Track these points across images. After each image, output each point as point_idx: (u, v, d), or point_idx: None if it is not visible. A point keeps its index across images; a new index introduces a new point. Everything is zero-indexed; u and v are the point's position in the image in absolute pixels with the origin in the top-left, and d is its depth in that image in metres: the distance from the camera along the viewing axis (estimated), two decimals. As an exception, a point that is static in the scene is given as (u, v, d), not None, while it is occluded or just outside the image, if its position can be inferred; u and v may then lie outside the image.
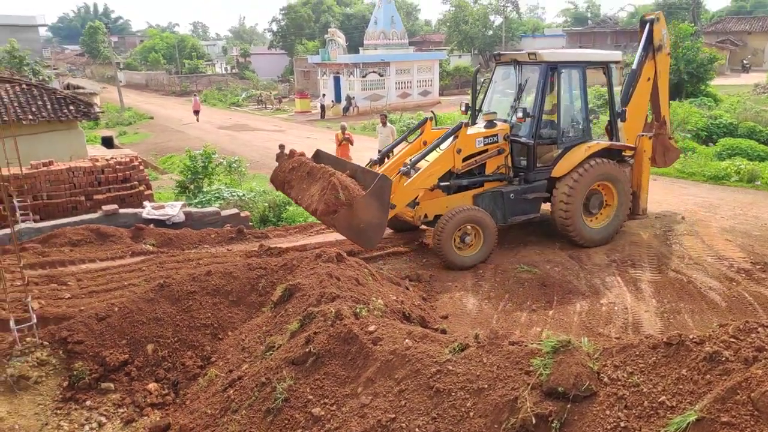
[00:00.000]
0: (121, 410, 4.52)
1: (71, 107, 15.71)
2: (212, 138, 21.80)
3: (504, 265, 7.66)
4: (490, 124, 8.39)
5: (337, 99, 32.50)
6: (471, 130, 8.23)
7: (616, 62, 9.26)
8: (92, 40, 65.25)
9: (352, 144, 13.64)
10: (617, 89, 9.54)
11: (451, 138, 8.04)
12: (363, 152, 15.91)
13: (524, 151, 8.38)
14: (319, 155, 8.45)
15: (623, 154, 9.06)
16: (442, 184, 8.03)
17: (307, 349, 3.97)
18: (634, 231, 9.03)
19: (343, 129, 13.86)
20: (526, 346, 3.30)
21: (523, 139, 8.35)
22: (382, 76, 32.32)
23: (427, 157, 7.96)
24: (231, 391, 4.12)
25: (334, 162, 8.06)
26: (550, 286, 7.03)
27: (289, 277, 5.50)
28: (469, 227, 7.72)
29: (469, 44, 51.30)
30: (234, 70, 60.34)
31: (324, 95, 32.41)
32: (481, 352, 3.36)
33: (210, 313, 5.21)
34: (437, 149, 8.02)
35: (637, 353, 3.04)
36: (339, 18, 54.47)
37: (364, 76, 31.79)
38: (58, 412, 4.42)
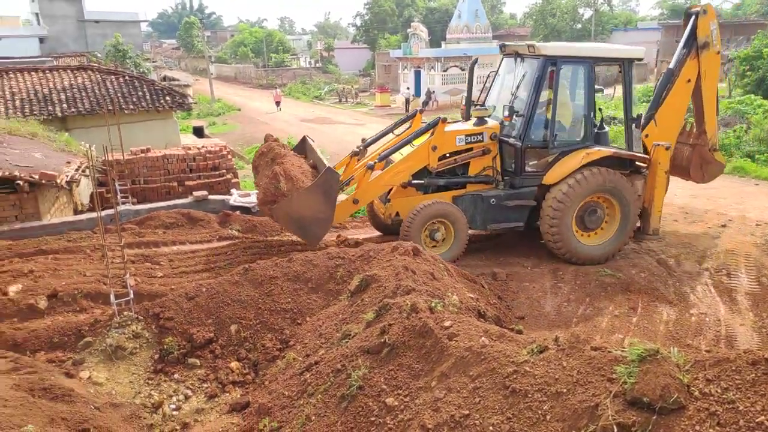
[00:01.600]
0: (205, 385, 4.77)
1: (167, 98, 16.69)
2: (295, 130, 22.47)
3: (586, 267, 7.38)
4: (480, 121, 7.82)
5: (417, 93, 32.51)
6: (452, 127, 7.67)
7: (636, 60, 7.93)
8: (187, 35, 68.92)
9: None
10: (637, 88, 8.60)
11: (429, 134, 7.51)
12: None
13: (513, 154, 7.63)
14: (303, 142, 8.16)
15: (637, 164, 8.03)
16: (415, 181, 7.54)
17: (382, 340, 4.02)
18: (732, 238, 8.41)
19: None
20: (609, 352, 3.16)
21: (510, 140, 7.63)
22: (463, 70, 31.98)
23: (402, 151, 7.53)
24: (308, 375, 4.25)
25: (307, 150, 7.77)
26: (634, 292, 6.71)
27: (365, 268, 5.59)
28: (438, 223, 7.27)
29: (556, 38, 49.60)
30: (318, 64, 61.81)
31: (408, 88, 32.50)
32: (561, 356, 3.26)
33: (290, 298, 5.39)
34: (411, 144, 7.60)
35: (734, 368, 2.84)
36: (422, 12, 54.32)
37: (445, 71, 31.59)
38: (150, 382, 4.74)
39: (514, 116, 7.46)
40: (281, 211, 6.43)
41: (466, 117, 8.36)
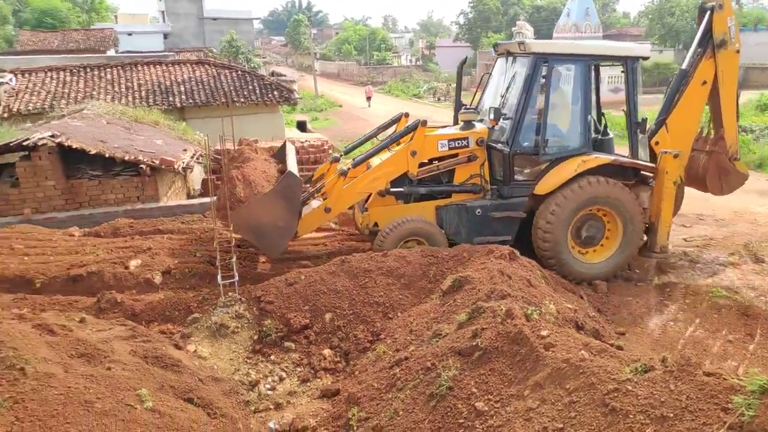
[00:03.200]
0: (299, 369, 4.96)
1: (275, 92, 17.50)
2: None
3: (697, 286, 6.85)
4: (467, 125, 7.17)
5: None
6: (435, 131, 7.07)
7: (640, 58, 7.15)
8: (295, 32, 71.80)
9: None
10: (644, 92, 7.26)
11: (409, 138, 6.92)
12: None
13: (501, 161, 6.94)
14: (283, 147, 7.71)
15: (644, 174, 7.21)
16: (394, 189, 6.95)
17: (474, 343, 3.97)
18: None
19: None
20: (725, 379, 2.92)
21: (498, 146, 6.96)
22: (569, 71, 30.71)
23: (380, 155, 6.97)
24: (397, 370, 4.29)
25: (285, 156, 7.25)
26: (753, 317, 6.13)
27: (459, 269, 5.55)
28: (414, 242, 6.65)
29: (673, 38, 46.37)
30: (418, 62, 62.08)
31: None
32: (669, 378, 3.06)
33: (383, 292, 5.47)
34: (389, 149, 7.04)
35: None
36: (528, 10, 52.91)
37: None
38: (248, 361, 5.00)
39: (501, 120, 6.88)
40: (238, 218, 5.94)
41: (454, 121, 7.79)
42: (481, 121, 7.34)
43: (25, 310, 4.72)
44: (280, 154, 7.75)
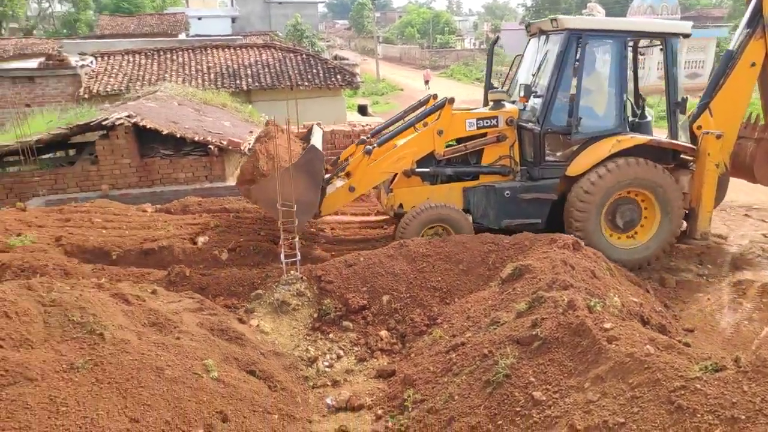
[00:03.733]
0: (356, 348, 5.05)
1: (338, 76, 17.63)
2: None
3: (775, 284, 6.45)
4: (497, 105, 7.01)
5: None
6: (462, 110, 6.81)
7: (680, 35, 6.80)
8: (358, 16, 71.87)
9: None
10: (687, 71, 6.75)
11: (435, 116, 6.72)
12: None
13: (532, 141, 6.73)
14: (310, 131, 7.59)
15: (683, 156, 6.88)
16: (419, 170, 6.80)
17: (533, 332, 3.92)
18: None
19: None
20: (805, 383, 2.76)
21: (529, 125, 6.76)
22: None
23: (405, 135, 6.78)
24: (453, 355, 4.30)
25: (311, 137, 7.14)
26: (838, 320, 5.72)
27: (519, 257, 5.46)
28: (439, 227, 6.52)
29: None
30: (482, 46, 60.82)
31: None
32: (742, 378, 2.91)
33: (440, 277, 5.46)
34: (414, 128, 6.81)
35: None
36: (600, -9, 50.61)
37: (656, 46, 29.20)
38: (308, 338, 5.14)
39: (532, 98, 6.67)
40: (259, 192, 5.91)
41: (484, 102, 7.58)
42: (513, 103, 7.20)
43: (103, 280, 5.03)
44: (307, 137, 7.78)
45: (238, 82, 16.84)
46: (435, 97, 7.42)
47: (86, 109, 11.22)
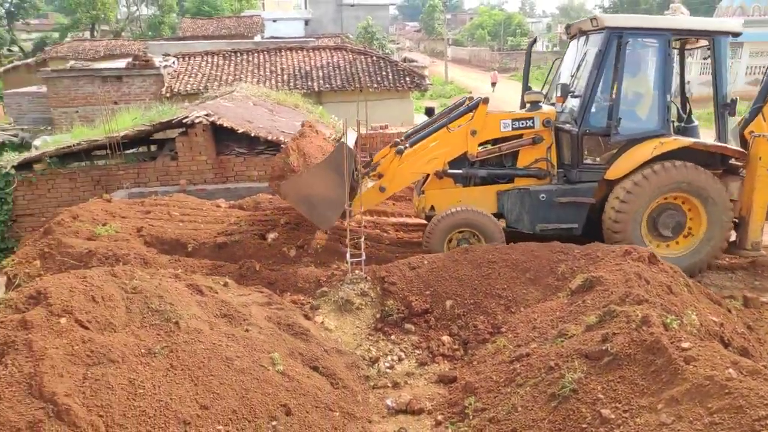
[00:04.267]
0: (417, 352, 5.05)
1: (407, 78, 17.70)
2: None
3: None
4: (534, 106, 6.71)
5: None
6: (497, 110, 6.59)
7: (730, 33, 6.37)
8: (429, 18, 71.77)
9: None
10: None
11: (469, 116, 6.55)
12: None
13: (570, 143, 6.45)
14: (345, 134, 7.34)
15: (732, 162, 6.44)
16: (452, 171, 6.60)
17: (603, 347, 3.77)
18: None
19: None
20: None
21: (566, 126, 6.48)
22: (730, 58, 27.63)
23: (438, 136, 6.58)
24: (517, 365, 4.21)
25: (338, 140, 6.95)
26: None
27: (591, 268, 5.27)
28: (467, 231, 6.34)
29: None
30: (555, 48, 59.26)
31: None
32: (837, 412, 2.69)
33: (506, 284, 5.37)
34: (447, 128, 6.57)
35: None
36: (685, -8, 48.16)
37: (705, 58, 27.63)
38: (370, 338, 5.19)
39: (570, 97, 6.47)
40: (289, 188, 5.96)
41: (521, 104, 7.31)
42: (552, 105, 6.97)
43: (180, 271, 5.27)
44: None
45: (309, 83, 17.25)
46: (470, 99, 7.23)
47: (167, 107, 11.84)
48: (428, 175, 6.91)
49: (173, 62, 18.19)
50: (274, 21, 46.20)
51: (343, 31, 46.17)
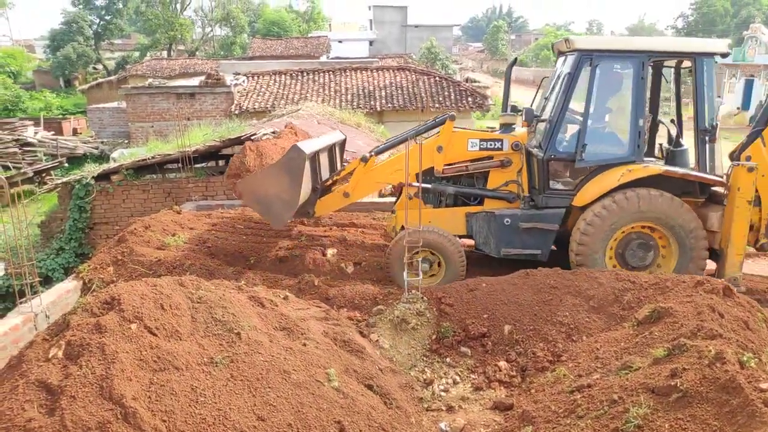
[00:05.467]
0: (473, 376, 4.95)
1: (469, 98, 17.68)
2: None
3: None
4: (507, 128, 6.61)
5: (745, 106, 27.74)
6: (464, 128, 6.70)
7: (713, 55, 6.10)
8: (493, 38, 71.58)
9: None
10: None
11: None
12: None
13: (537, 167, 6.33)
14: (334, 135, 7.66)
15: (717, 191, 6.16)
16: (423, 185, 6.47)
17: (672, 383, 3.57)
18: None
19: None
20: None
21: (534, 151, 6.36)
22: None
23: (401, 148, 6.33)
24: (578, 396, 4.05)
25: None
26: None
27: (659, 298, 5.04)
28: (427, 252, 6.25)
29: None
30: (623, 70, 57.72)
31: (720, 97, 28.12)
32: None
33: (568, 312, 5.20)
34: (415, 140, 6.37)
35: None
36: (766, 12, 45.88)
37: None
38: (425, 359, 5.14)
39: (536, 122, 6.43)
40: (245, 187, 6.13)
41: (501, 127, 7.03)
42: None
43: (242, 283, 5.43)
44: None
45: (372, 102, 17.52)
46: (452, 118, 6.99)
47: (237, 124, 12.33)
48: (400, 193, 6.94)
49: (243, 81, 18.96)
50: (340, 42, 47.45)
51: (406, 51, 46.80)
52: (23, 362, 3.28)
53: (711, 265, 6.49)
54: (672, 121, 7.00)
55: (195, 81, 19.75)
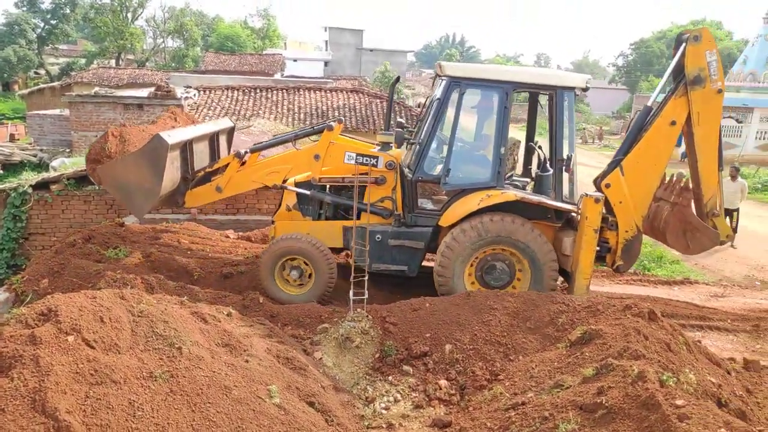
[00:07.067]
0: (414, 394, 5.05)
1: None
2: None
3: None
4: (385, 146, 6.81)
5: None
6: (344, 140, 6.90)
7: (572, 88, 6.54)
8: (446, 66, 73.24)
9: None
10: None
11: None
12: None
13: (408, 188, 6.60)
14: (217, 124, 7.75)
15: (573, 216, 6.55)
16: (291, 188, 6.78)
17: (598, 400, 3.79)
18: None
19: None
20: None
21: (405, 171, 6.63)
22: (740, 122, 28.04)
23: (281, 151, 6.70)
24: (513, 413, 4.21)
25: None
26: None
27: (590, 321, 5.31)
28: (299, 260, 6.45)
29: None
30: (567, 103, 60.29)
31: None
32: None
33: (506, 332, 5.40)
34: (293, 143, 6.77)
35: None
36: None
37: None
38: (367, 377, 5.21)
39: (406, 145, 6.68)
40: (105, 173, 6.13)
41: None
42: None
43: (185, 298, 5.36)
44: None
45: (325, 122, 17.65)
46: (331, 128, 7.08)
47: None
48: (279, 204, 7.12)
49: (194, 94, 18.72)
50: (295, 61, 47.53)
51: (361, 74, 47.36)
52: (-51, 375, 3.15)
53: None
54: (540, 147, 7.38)
55: (144, 92, 19.32)
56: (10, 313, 3.72)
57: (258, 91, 19.23)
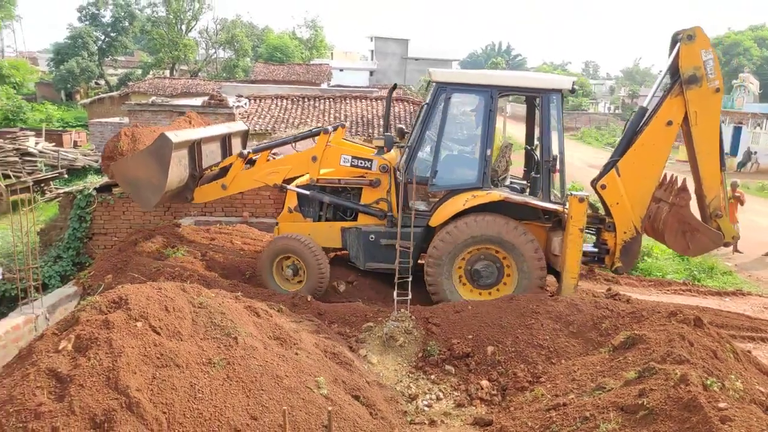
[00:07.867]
0: (456, 393, 5.17)
1: (465, 131, 18.12)
2: (581, 174, 21.95)
3: None
4: (381, 150, 7.01)
5: (733, 152, 28.47)
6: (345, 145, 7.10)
7: (559, 91, 6.54)
8: (491, 74, 72.85)
9: (742, 204, 11.96)
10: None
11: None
12: (754, 216, 13.70)
13: (400, 189, 6.77)
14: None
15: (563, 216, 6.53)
16: (290, 187, 6.99)
17: (640, 401, 3.82)
18: None
19: (734, 186, 12.26)
20: None
21: (397, 174, 6.82)
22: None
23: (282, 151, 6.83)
24: (553, 413, 4.28)
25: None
26: None
27: (634, 326, 5.31)
28: (294, 258, 6.73)
29: None
30: (617, 111, 58.94)
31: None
32: None
33: (548, 336, 5.46)
34: (292, 146, 6.97)
35: None
36: (756, 62, 47.34)
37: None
38: (410, 375, 5.35)
39: (394, 148, 6.91)
40: (117, 170, 6.59)
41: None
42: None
43: (239, 294, 5.66)
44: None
45: (370, 131, 17.95)
46: (326, 132, 7.26)
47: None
48: (283, 206, 7.40)
49: (245, 103, 19.38)
50: (341, 70, 48.34)
51: (405, 82, 47.67)
52: (33, 353, 3.49)
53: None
54: (534, 149, 7.40)
55: (197, 101, 20.11)
56: (87, 300, 4.06)
57: (306, 100, 19.74)
